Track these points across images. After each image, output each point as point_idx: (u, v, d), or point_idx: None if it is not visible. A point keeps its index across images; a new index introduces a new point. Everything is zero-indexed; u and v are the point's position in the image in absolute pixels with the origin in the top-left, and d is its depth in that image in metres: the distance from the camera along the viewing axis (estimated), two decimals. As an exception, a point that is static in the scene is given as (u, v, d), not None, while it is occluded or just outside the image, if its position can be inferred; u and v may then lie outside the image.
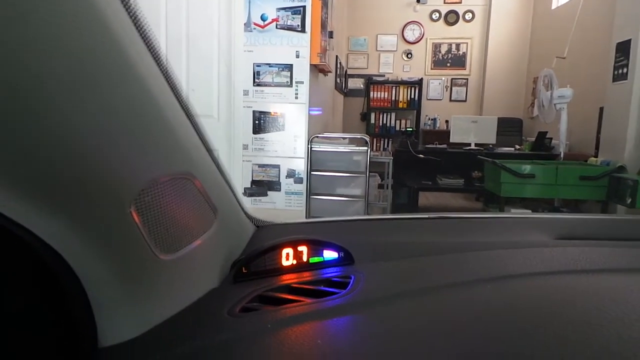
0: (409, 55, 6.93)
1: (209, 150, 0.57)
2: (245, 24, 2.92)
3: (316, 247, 0.61)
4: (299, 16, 2.87)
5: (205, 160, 0.56)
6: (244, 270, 0.57)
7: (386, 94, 6.74)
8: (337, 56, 5.14)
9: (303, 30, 2.89)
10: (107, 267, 0.38)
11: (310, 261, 0.61)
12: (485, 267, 0.57)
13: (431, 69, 6.92)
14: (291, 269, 0.60)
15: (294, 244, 0.60)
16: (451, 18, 6.77)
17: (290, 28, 2.89)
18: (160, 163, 0.44)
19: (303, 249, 0.60)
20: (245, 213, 0.74)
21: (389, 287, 0.53)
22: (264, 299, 0.51)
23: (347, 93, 6.77)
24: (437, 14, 6.79)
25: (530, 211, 3.68)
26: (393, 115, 6.75)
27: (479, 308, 0.46)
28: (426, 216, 0.90)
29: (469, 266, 0.59)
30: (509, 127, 5.92)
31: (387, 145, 6.64)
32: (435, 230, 0.84)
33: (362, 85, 6.94)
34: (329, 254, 0.62)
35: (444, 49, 6.87)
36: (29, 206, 0.32)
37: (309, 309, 0.47)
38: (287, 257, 0.60)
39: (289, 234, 0.64)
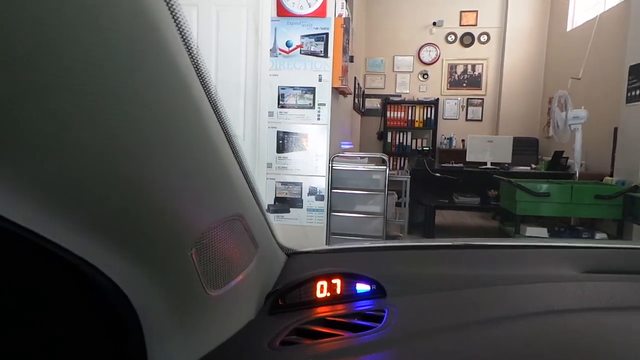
0: (425, 76, 7.07)
1: (252, 188, 0.58)
2: (271, 50, 3.10)
3: (349, 280, 0.63)
4: (322, 42, 3.04)
5: (251, 199, 0.57)
6: (280, 302, 0.58)
7: (402, 113, 6.86)
8: (355, 77, 5.30)
9: (325, 56, 3.06)
10: (163, 302, 0.40)
11: (344, 294, 0.62)
12: (517, 303, 0.58)
13: (447, 89, 7.04)
14: (325, 302, 0.60)
15: (328, 277, 0.61)
16: (467, 40, 6.91)
17: (313, 54, 3.06)
18: (219, 207, 0.46)
19: (337, 281, 0.62)
20: (277, 242, 0.76)
21: (423, 322, 0.54)
22: (302, 332, 0.51)
23: (365, 113, 6.92)
24: (453, 36, 6.94)
25: (546, 230, 3.72)
26: (409, 134, 6.85)
27: (514, 344, 0.47)
28: (452, 244, 0.90)
29: (501, 302, 0.59)
30: (525, 147, 5.97)
31: (404, 164, 6.73)
32: (464, 260, 0.84)
33: (379, 105, 7.09)
34: (362, 287, 0.63)
35: (459, 69, 7.00)
36: (102, 246, 0.33)
37: (347, 344, 0.48)
38: (321, 289, 0.61)
39: (318, 263, 0.65)
